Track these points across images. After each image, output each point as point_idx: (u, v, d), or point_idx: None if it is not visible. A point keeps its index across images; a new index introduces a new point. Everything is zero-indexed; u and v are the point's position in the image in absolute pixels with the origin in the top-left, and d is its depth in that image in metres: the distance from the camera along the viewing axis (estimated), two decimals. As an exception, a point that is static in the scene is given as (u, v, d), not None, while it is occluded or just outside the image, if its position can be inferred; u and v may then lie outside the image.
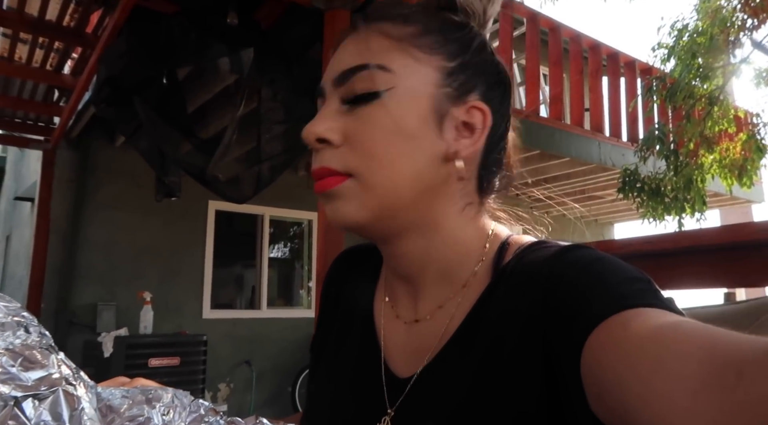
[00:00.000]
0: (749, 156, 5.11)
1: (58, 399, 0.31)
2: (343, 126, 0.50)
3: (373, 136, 0.49)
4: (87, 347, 3.93)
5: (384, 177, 0.49)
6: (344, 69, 0.51)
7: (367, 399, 0.55)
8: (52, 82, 3.56)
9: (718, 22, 4.85)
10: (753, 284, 0.96)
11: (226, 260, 5.19)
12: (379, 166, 0.49)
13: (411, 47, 0.51)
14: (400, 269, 0.56)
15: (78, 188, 4.38)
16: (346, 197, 0.50)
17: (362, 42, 0.52)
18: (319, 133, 0.50)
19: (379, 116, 0.49)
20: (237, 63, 2.30)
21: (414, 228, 0.52)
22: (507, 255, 0.52)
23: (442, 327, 0.52)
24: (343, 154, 0.50)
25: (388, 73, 0.49)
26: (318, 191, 0.52)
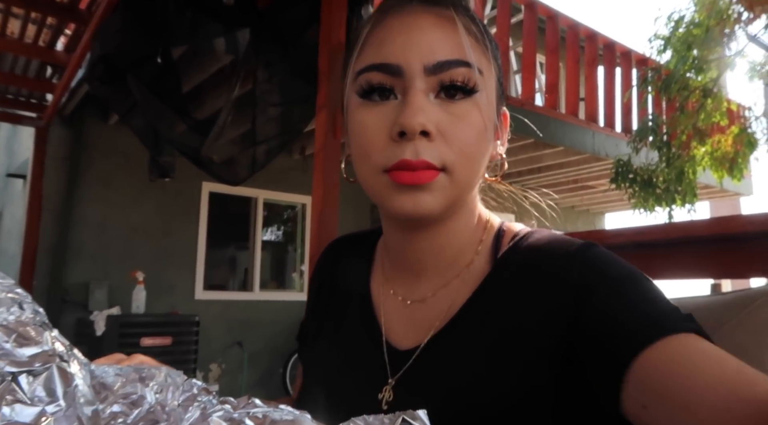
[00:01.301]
0: (740, 149, 5.14)
1: (52, 375, 0.32)
2: (437, 119, 0.50)
3: (469, 134, 0.50)
4: (79, 325, 3.93)
5: (471, 174, 0.52)
6: (441, 60, 0.50)
7: (368, 370, 0.57)
8: (45, 59, 3.50)
9: (714, 14, 4.83)
10: (739, 276, 0.97)
11: (219, 242, 5.19)
12: (469, 163, 0.51)
13: (487, 52, 0.53)
14: (413, 253, 0.57)
15: (71, 166, 4.34)
16: (434, 191, 0.50)
17: (451, 31, 0.51)
18: (426, 125, 0.49)
19: (474, 114, 0.51)
20: (233, 43, 2.28)
21: (450, 216, 0.55)
22: (504, 242, 0.57)
23: (445, 305, 0.55)
24: (438, 147, 0.50)
25: (481, 76, 0.51)
26: (408, 182, 0.49)
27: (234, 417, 0.34)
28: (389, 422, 0.33)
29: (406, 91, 0.50)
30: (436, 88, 0.50)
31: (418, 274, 0.58)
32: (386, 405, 0.53)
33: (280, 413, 0.34)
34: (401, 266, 0.60)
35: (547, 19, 4.62)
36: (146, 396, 0.35)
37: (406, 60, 0.50)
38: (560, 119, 4.50)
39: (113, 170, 4.44)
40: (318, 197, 1.87)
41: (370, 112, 0.52)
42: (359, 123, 0.52)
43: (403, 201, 0.50)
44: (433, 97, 0.50)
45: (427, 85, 0.50)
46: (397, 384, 0.54)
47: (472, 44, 0.52)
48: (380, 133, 0.51)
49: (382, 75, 0.51)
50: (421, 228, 0.55)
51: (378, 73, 0.51)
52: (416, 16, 0.52)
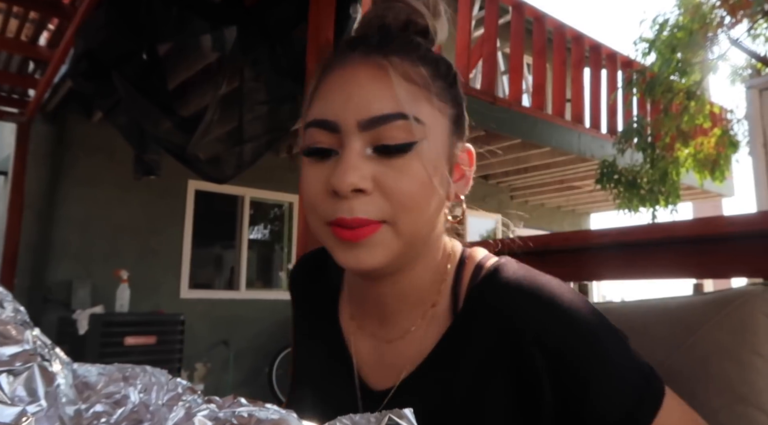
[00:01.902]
0: (722, 151, 5.23)
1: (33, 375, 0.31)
2: (373, 173, 0.49)
3: (410, 187, 0.49)
4: (61, 324, 3.87)
5: (415, 224, 0.51)
6: (376, 115, 0.49)
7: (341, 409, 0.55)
8: (27, 54, 3.44)
9: (698, 18, 4.91)
10: (721, 276, 0.98)
11: (205, 241, 5.15)
12: (413, 215, 0.50)
13: (431, 95, 0.52)
14: (377, 299, 0.57)
15: (53, 164, 4.28)
16: (375, 245, 0.50)
17: (389, 83, 0.50)
18: (357, 184, 0.48)
19: (414, 166, 0.49)
20: (219, 41, 2.26)
21: (411, 263, 0.54)
22: (465, 273, 0.56)
23: (415, 346, 0.55)
24: (375, 202, 0.49)
25: (420, 125, 0.50)
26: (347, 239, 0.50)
27: (219, 417, 0.33)
28: (375, 421, 0.33)
29: (342, 148, 0.50)
30: (373, 143, 0.50)
31: (385, 317, 0.58)
32: None
33: (265, 412, 0.34)
34: (367, 308, 0.60)
35: (534, 21, 4.66)
36: (130, 395, 0.35)
37: (343, 116, 0.50)
38: (547, 119, 4.54)
39: (97, 168, 4.38)
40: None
41: (313, 168, 0.52)
42: (305, 177, 0.53)
43: (346, 257, 0.51)
44: (370, 151, 0.50)
45: (363, 141, 0.50)
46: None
47: (413, 92, 0.50)
48: (321, 190, 0.51)
49: (322, 132, 0.51)
50: (381, 277, 0.55)
51: (318, 129, 0.51)
52: (355, 70, 0.51)
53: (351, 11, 2.20)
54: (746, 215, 0.89)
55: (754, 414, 0.61)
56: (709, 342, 0.65)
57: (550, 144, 4.58)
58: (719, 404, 0.52)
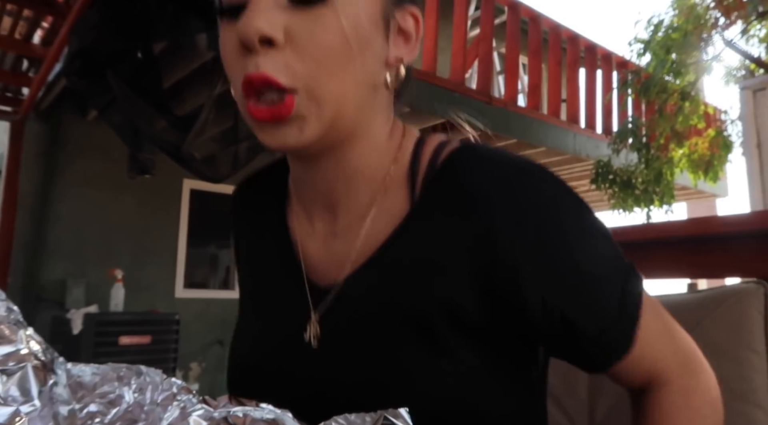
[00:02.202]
0: (716, 152, 5.26)
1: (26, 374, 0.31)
2: (286, 23, 0.43)
3: (324, 39, 0.43)
4: (55, 323, 3.86)
5: (335, 86, 0.44)
6: None
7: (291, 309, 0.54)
8: (21, 52, 3.43)
9: (692, 19, 4.93)
10: (715, 276, 0.99)
11: (200, 240, 5.13)
12: (329, 74, 0.44)
13: None
14: (323, 183, 0.52)
15: (47, 162, 4.26)
16: (296, 120, 0.44)
17: None
18: (263, 29, 0.42)
19: (331, 16, 0.43)
20: (215, 40, 2.24)
21: (349, 138, 0.49)
22: (424, 156, 0.51)
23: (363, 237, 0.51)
24: (286, 59, 0.43)
25: None
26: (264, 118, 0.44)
27: (214, 416, 0.33)
28: (371, 420, 0.33)
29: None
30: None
31: (332, 205, 0.53)
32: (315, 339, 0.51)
33: (260, 412, 0.34)
34: (312, 199, 0.55)
35: (529, 21, 4.67)
36: (124, 395, 0.35)
37: None
38: (542, 119, 4.55)
39: (91, 167, 4.36)
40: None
41: (226, 29, 0.46)
42: (221, 44, 0.47)
43: (267, 138, 0.46)
44: (286, 1, 0.43)
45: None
46: (322, 319, 0.51)
47: None
48: (232, 50, 0.45)
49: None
50: (320, 155, 0.49)
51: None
52: None
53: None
54: (740, 216, 0.89)
55: (752, 411, 0.61)
56: (704, 340, 0.65)
57: (546, 144, 4.59)
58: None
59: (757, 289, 0.67)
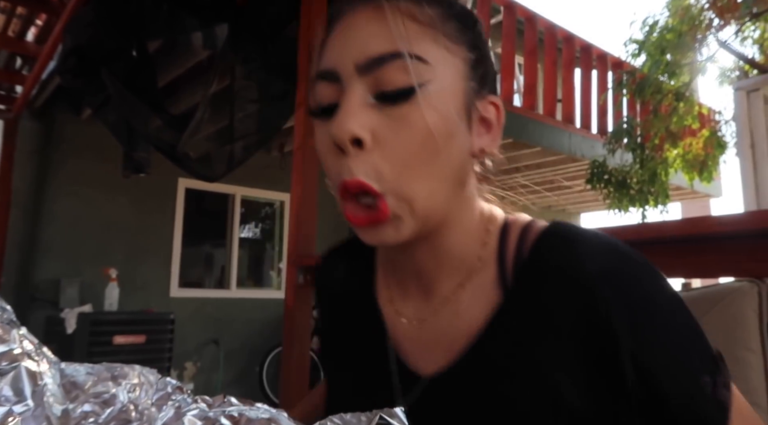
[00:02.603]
0: (710, 152, 5.28)
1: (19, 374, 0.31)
2: (373, 124, 0.44)
3: (410, 138, 0.44)
4: (49, 323, 3.84)
5: (423, 185, 0.45)
6: (373, 56, 0.44)
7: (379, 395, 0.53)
8: (14, 50, 3.41)
9: (687, 20, 4.95)
10: (710, 275, 0.99)
11: (195, 239, 5.12)
12: (416, 174, 0.45)
13: (440, 35, 0.46)
14: (413, 266, 0.53)
15: (41, 161, 4.23)
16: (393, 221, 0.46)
17: (387, 23, 0.45)
18: (354, 131, 0.43)
19: (415, 115, 0.44)
20: (210, 39, 2.24)
21: (440, 227, 0.50)
22: (511, 238, 0.51)
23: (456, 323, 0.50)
24: (375, 162, 0.44)
25: (423, 65, 0.45)
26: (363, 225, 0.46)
27: (209, 416, 0.33)
28: (367, 420, 0.33)
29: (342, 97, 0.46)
30: (374, 89, 0.45)
31: (423, 289, 0.54)
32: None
33: (256, 411, 0.34)
34: (403, 282, 0.55)
35: (525, 21, 4.67)
36: (118, 395, 0.35)
37: (341, 62, 0.46)
38: (538, 119, 4.56)
39: (85, 165, 4.34)
40: (296, 195, 1.86)
41: (320, 128, 0.49)
42: (317, 143, 0.49)
43: (366, 237, 0.47)
44: (372, 99, 0.45)
45: (364, 87, 0.45)
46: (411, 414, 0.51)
47: (414, 30, 0.45)
48: (328, 149, 0.47)
49: (325, 85, 0.47)
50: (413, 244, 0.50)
51: (321, 82, 0.48)
52: (354, 15, 0.47)
53: (343, 10, 2.20)
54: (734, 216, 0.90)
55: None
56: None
57: (541, 144, 4.60)
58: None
59: (751, 288, 0.68)
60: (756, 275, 0.70)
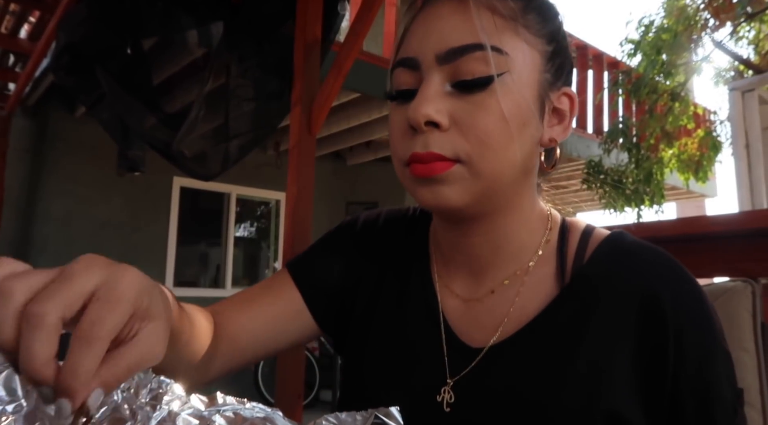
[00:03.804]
0: (706, 152, 5.31)
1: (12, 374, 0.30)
2: (451, 108, 0.48)
3: (486, 122, 0.47)
4: (42, 323, 3.82)
5: (494, 163, 0.48)
6: (453, 46, 0.47)
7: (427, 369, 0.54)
8: (7, 47, 3.39)
9: (683, 21, 4.97)
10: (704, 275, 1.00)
11: (190, 238, 5.10)
12: (491, 153, 0.48)
13: (520, 27, 0.49)
14: (469, 249, 0.55)
15: (34, 159, 4.21)
16: (452, 182, 0.48)
17: (469, 15, 0.48)
18: (430, 115, 0.47)
19: (493, 101, 0.47)
20: (206, 37, 2.24)
21: (501, 209, 0.52)
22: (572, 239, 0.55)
23: (507, 305, 0.53)
24: (452, 138, 0.48)
25: (501, 56, 0.47)
26: (421, 175, 0.48)
27: (204, 415, 0.33)
28: (362, 419, 0.33)
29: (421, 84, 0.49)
30: (452, 78, 0.48)
31: (476, 272, 0.56)
32: (448, 407, 0.51)
33: (251, 411, 0.33)
34: (457, 262, 0.57)
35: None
36: (112, 394, 0.34)
37: (422, 51, 0.49)
38: (533, 119, 4.57)
39: (79, 164, 4.32)
40: (292, 194, 1.85)
41: (396, 111, 0.52)
42: (390, 124, 0.53)
43: (424, 194, 0.50)
44: (449, 86, 0.48)
45: (443, 75, 0.48)
46: (457, 385, 0.52)
47: (498, 24, 0.48)
48: (401, 130, 0.50)
49: (404, 71, 0.50)
50: (472, 222, 0.53)
51: (401, 69, 0.51)
52: (437, 7, 0.50)
53: (339, 8, 2.20)
54: (728, 216, 0.90)
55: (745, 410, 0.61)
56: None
57: (537, 144, 4.61)
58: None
59: (744, 288, 0.68)
60: (750, 275, 0.70)
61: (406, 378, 0.55)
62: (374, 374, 0.57)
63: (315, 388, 4.80)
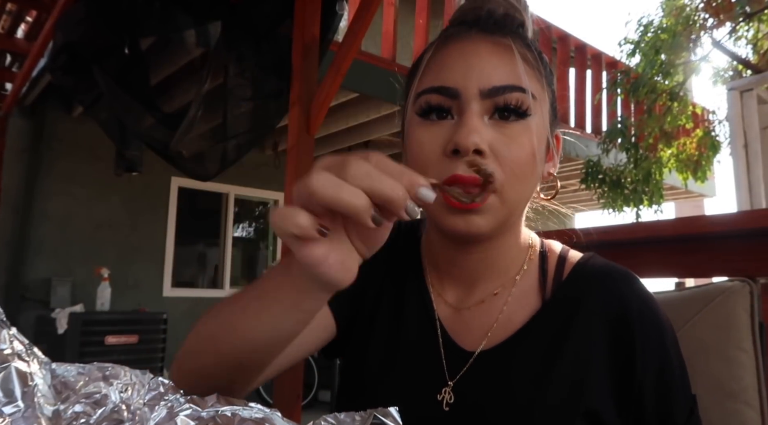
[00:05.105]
0: (704, 152, 5.31)
1: (9, 375, 0.30)
2: (490, 139, 0.53)
3: (520, 155, 0.53)
4: (39, 323, 3.81)
5: (520, 193, 0.55)
6: (498, 85, 0.53)
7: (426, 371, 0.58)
8: (4, 47, 3.38)
9: (681, 20, 4.98)
10: (703, 275, 1.00)
11: (188, 238, 5.10)
12: (519, 183, 0.54)
13: (540, 76, 0.57)
14: (464, 263, 0.60)
15: (31, 159, 4.20)
16: (486, 213, 0.53)
17: (507, 59, 0.54)
18: (479, 144, 0.52)
19: (526, 136, 0.54)
20: (204, 36, 2.23)
21: (503, 233, 0.58)
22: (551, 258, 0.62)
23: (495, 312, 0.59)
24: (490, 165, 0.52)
25: (534, 101, 0.54)
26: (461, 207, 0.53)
27: (202, 416, 0.33)
28: (361, 419, 0.33)
29: (462, 113, 0.53)
30: (490, 111, 0.54)
31: (469, 284, 0.61)
32: (447, 407, 0.55)
33: (249, 411, 0.33)
34: (451, 275, 0.62)
35: (519, 21, 4.68)
36: (110, 395, 0.34)
37: (464, 84, 0.54)
38: (532, 119, 4.57)
39: (77, 164, 4.31)
40: (291, 194, 1.85)
41: (427, 130, 0.55)
42: (417, 140, 0.56)
43: (456, 222, 0.54)
44: (487, 119, 0.53)
45: (482, 108, 0.53)
46: (457, 385, 0.56)
47: (527, 71, 0.55)
48: (435, 150, 0.54)
49: (441, 97, 0.54)
50: (476, 243, 0.58)
51: (437, 95, 0.55)
52: (475, 44, 0.55)
53: (337, 8, 2.19)
54: (727, 215, 0.90)
55: (743, 409, 0.61)
56: (694, 339, 0.66)
57: (535, 143, 4.62)
58: (709, 401, 0.53)
59: (742, 288, 0.68)
60: (748, 275, 0.70)
61: (408, 379, 0.59)
62: (375, 376, 0.61)
63: (314, 389, 4.80)
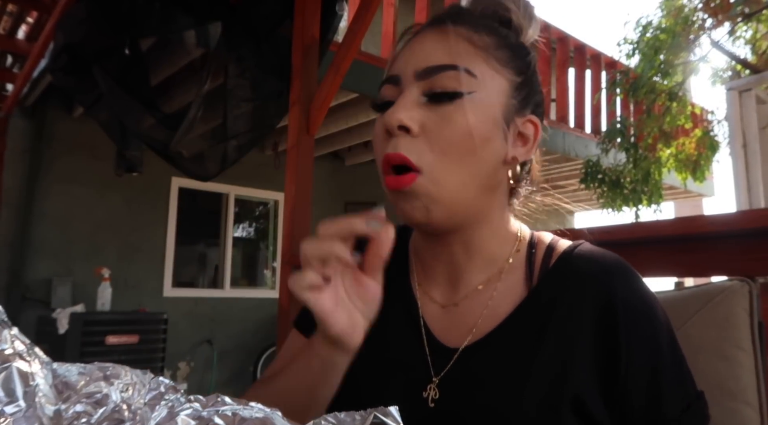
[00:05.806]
0: (703, 152, 5.32)
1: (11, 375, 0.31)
2: (422, 117, 0.53)
3: (451, 133, 0.53)
4: (40, 323, 3.81)
5: (455, 174, 0.53)
6: (431, 65, 0.54)
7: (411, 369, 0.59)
8: (5, 47, 3.38)
9: (680, 21, 4.98)
10: (702, 274, 1.00)
11: (189, 239, 5.10)
12: (451, 163, 0.53)
13: (490, 57, 0.56)
14: (447, 257, 0.60)
15: (32, 160, 4.20)
16: (419, 197, 0.53)
17: (448, 42, 0.55)
18: (403, 120, 0.53)
19: (459, 115, 0.53)
20: (204, 37, 2.23)
21: (471, 222, 0.58)
22: (539, 251, 0.60)
23: (481, 308, 0.58)
24: (419, 145, 0.53)
25: (472, 78, 0.54)
26: (391, 188, 0.54)
27: (203, 416, 0.33)
28: (361, 419, 0.33)
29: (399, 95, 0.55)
30: (427, 91, 0.54)
31: (453, 279, 0.61)
32: (432, 403, 0.55)
33: (249, 411, 0.33)
34: (436, 271, 0.62)
35: (519, 21, 4.68)
36: (111, 394, 0.34)
37: (404, 69, 0.56)
38: (531, 119, 4.57)
39: (77, 164, 4.31)
40: (291, 194, 1.85)
41: (378, 121, 0.57)
42: (374, 133, 0.58)
43: (400, 209, 0.55)
44: (425, 99, 0.54)
45: (419, 89, 0.54)
46: (442, 382, 0.56)
47: (469, 50, 0.55)
48: (379, 135, 0.56)
49: (388, 87, 0.57)
50: (448, 234, 0.58)
51: (387, 85, 0.57)
52: (423, 35, 0.58)
53: (337, 8, 2.20)
54: (726, 215, 0.90)
55: (742, 409, 0.62)
56: (693, 338, 0.66)
57: (535, 143, 4.62)
58: (708, 400, 0.53)
59: (742, 287, 0.68)
60: (747, 274, 0.70)
61: (394, 379, 0.59)
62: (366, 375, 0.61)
63: (314, 388, 4.79)
